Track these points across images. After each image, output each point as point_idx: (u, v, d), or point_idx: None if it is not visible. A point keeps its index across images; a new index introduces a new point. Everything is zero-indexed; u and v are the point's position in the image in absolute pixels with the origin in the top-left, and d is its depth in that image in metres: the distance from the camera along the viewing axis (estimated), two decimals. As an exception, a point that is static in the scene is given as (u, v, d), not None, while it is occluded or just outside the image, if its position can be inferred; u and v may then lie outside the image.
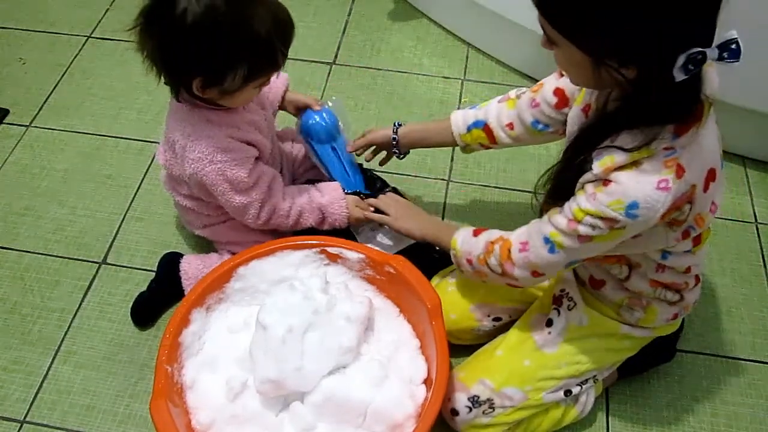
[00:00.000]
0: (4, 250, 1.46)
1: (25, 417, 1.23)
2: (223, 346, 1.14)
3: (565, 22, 0.79)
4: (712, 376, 1.27)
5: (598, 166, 0.84)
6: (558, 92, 1.11)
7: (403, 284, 1.14)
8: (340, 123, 1.36)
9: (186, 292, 1.33)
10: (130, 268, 1.43)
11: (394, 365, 1.12)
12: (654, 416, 1.23)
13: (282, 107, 1.38)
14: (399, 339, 1.16)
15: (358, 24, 1.95)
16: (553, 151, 1.63)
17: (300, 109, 1.36)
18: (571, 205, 0.90)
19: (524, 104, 1.16)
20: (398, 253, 1.24)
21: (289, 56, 1.10)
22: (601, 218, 0.85)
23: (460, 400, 1.11)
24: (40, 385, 1.27)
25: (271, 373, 1.04)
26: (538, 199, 1.00)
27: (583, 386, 1.13)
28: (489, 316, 1.21)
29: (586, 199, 0.86)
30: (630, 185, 0.82)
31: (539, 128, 1.16)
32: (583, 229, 0.88)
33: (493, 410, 1.10)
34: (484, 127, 1.21)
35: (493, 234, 1.05)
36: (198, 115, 1.15)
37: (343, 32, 1.93)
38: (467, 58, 1.86)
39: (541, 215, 1.00)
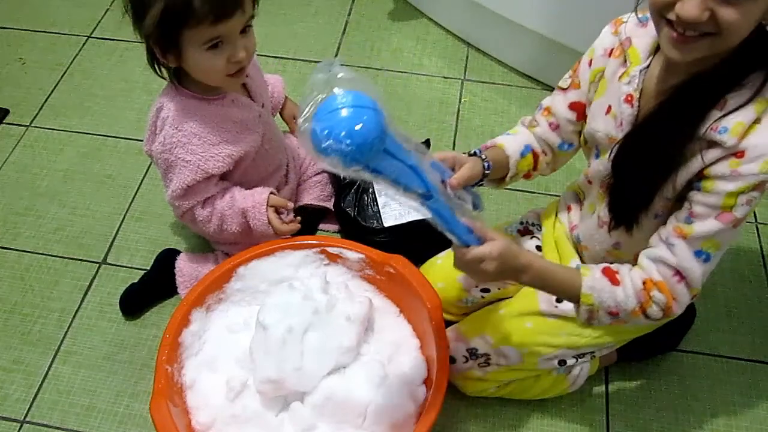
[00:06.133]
0: (4, 250, 1.46)
1: (25, 417, 1.23)
2: (223, 346, 1.14)
3: None
4: (712, 376, 1.27)
5: (730, 137, 0.81)
6: (574, 106, 1.05)
7: (403, 284, 1.14)
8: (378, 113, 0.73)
9: (179, 289, 1.34)
10: (130, 268, 1.43)
11: (394, 365, 1.12)
12: (654, 416, 1.22)
13: (283, 116, 1.39)
14: (399, 339, 1.16)
15: (358, 24, 1.95)
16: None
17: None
18: (708, 201, 0.85)
19: (544, 131, 1.09)
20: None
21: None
22: (755, 188, 0.83)
23: (459, 350, 1.12)
24: (40, 385, 1.27)
25: (271, 373, 1.04)
26: (626, 214, 0.94)
27: (579, 359, 1.13)
28: (477, 286, 1.20)
29: (729, 181, 0.83)
30: (766, 142, 0.80)
31: (564, 149, 1.10)
32: (740, 211, 0.85)
33: (488, 365, 1.11)
34: (532, 152, 1.10)
35: (634, 277, 0.93)
36: (178, 101, 1.15)
37: (343, 32, 1.93)
38: (467, 58, 1.86)
39: (629, 226, 0.94)
